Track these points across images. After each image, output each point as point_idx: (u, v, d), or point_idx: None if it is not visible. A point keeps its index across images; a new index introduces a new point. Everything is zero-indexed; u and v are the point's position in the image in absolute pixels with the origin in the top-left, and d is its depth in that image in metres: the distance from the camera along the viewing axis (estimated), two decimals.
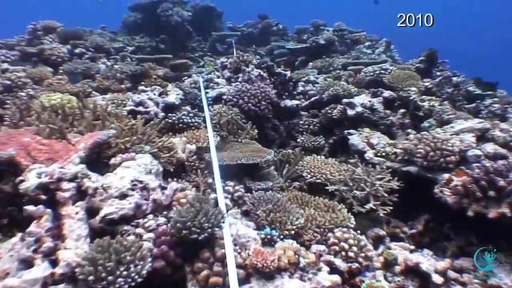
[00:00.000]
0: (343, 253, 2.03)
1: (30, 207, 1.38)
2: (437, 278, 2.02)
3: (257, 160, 2.47)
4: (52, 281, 1.30)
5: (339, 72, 5.06)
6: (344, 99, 3.73)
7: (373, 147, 3.10)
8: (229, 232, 1.60)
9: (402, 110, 3.54)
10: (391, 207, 2.50)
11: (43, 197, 1.47)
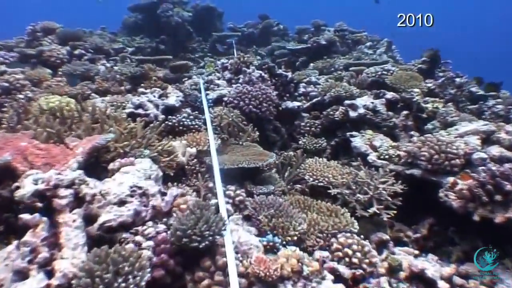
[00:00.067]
0: (347, 259, 1.98)
1: (26, 216, 1.34)
2: (443, 285, 1.99)
3: (259, 164, 2.43)
4: None
5: (340, 73, 5.01)
6: (346, 101, 3.68)
7: (376, 149, 3.06)
8: (230, 240, 1.56)
9: (405, 112, 3.49)
10: (395, 211, 2.46)
11: (39, 204, 1.43)
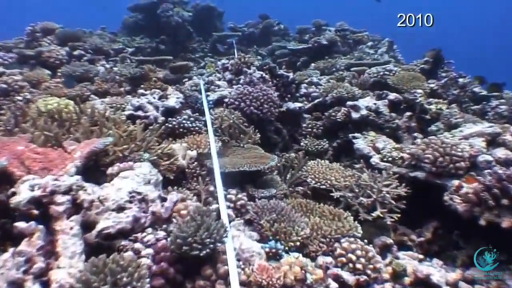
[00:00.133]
0: (351, 265, 1.95)
1: (21, 224, 1.30)
2: None
3: (260, 167, 2.39)
4: None
5: (342, 73, 4.96)
6: (349, 102, 3.64)
7: (379, 151, 3.01)
8: (232, 247, 1.52)
9: (408, 113, 3.44)
10: (399, 215, 2.42)
11: (36, 211, 1.39)
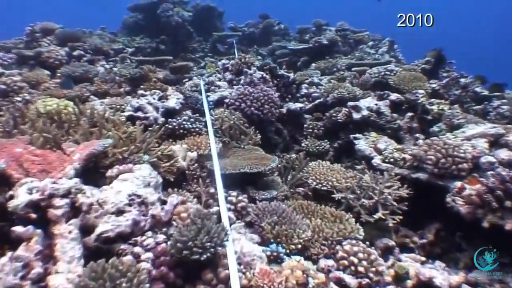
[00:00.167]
0: (353, 268, 1.93)
1: (18, 228, 1.28)
2: None
3: (261, 169, 2.36)
4: None
5: (343, 73, 4.94)
6: (350, 102, 3.61)
7: (380, 152, 2.99)
8: (233, 251, 1.50)
9: (409, 114, 3.42)
10: (401, 217, 2.40)
11: (34, 215, 1.37)
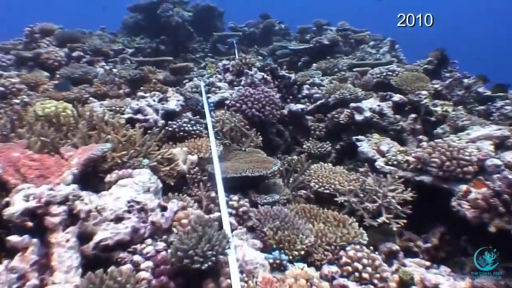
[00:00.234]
0: (357, 274, 1.89)
1: (14, 238, 1.24)
2: None
3: (263, 172, 2.32)
4: None
5: (344, 74, 4.89)
6: (352, 104, 3.57)
7: (383, 154, 2.95)
8: (235, 258, 1.46)
9: (413, 115, 3.38)
10: (405, 220, 2.36)
11: (30, 223, 1.33)
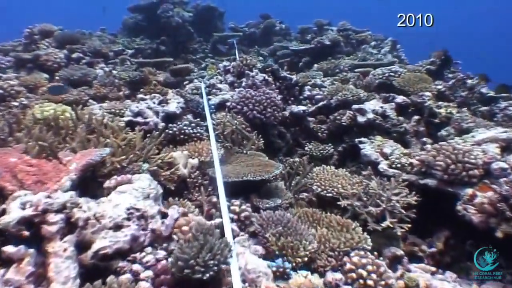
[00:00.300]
0: (361, 281, 1.85)
1: (9, 249, 1.20)
2: None
3: (265, 177, 2.28)
4: None
5: (346, 74, 4.85)
6: (354, 105, 3.53)
7: (387, 157, 2.90)
8: (237, 269, 1.42)
9: (416, 117, 3.33)
10: (409, 225, 2.32)
11: (26, 233, 1.29)
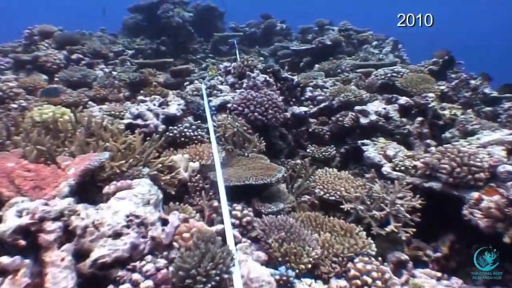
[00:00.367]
0: None
1: (4, 259, 1.16)
2: None
3: (267, 180, 2.25)
4: None
5: (347, 75, 4.80)
6: (357, 107, 3.48)
7: (390, 160, 2.86)
8: (240, 278, 1.38)
9: (419, 119, 3.29)
10: (414, 229, 2.28)
11: (23, 242, 1.26)
